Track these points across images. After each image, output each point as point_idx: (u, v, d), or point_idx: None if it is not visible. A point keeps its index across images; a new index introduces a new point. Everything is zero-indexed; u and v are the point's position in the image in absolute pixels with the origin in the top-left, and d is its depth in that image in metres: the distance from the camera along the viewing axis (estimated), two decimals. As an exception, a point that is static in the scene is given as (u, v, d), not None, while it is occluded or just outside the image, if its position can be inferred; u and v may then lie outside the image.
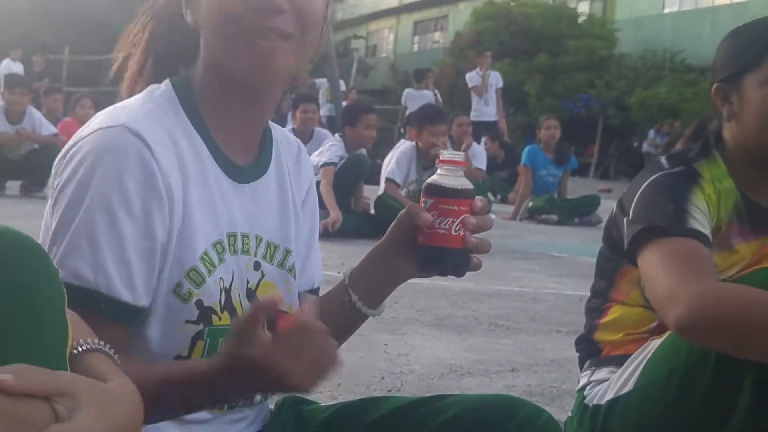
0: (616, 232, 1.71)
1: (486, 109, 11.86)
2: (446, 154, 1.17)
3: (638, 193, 1.63)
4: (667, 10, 22.23)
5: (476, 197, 1.17)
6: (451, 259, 1.15)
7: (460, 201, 1.14)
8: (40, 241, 0.91)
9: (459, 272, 1.17)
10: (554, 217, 8.09)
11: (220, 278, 1.12)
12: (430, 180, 1.17)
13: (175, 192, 1.06)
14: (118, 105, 1.12)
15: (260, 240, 1.19)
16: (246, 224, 1.17)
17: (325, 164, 5.79)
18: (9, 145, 7.74)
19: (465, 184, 1.16)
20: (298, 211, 1.27)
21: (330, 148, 5.99)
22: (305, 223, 1.30)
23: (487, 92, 11.84)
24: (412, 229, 1.19)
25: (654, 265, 1.52)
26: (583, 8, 24.34)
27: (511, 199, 9.44)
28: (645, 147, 18.35)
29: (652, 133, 18.00)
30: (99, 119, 1.08)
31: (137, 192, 1.02)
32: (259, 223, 1.19)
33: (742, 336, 1.38)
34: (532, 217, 8.15)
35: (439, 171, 1.17)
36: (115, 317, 1.02)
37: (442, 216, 1.14)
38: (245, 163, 1.18)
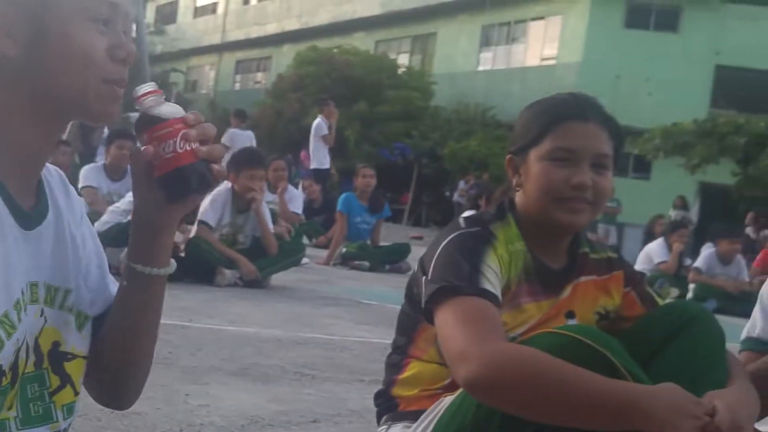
0: (416, 289, 1.76)
1: (327, 159, 12.00)
2: (138, 90, 1.16)
3: (437, 253, 1.69)
4: (480, 68, 23.43)
5: (187, 113, 1.16)
6: (190, 175, 1.13)
7: (170, 122, 1.13)
8: None
9: (205, 184, 1.15)
10: (366, 263, 8.23)
11: (17, 338, 1.08)
12: (135, 119, 1.17)
13: None
14: None
15: (43, 285, 1.16)
16: (34, 272, 1.13)
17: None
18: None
19: (168, 107, 1.15)
20: (77, 243, 1.24)
21: None
22: (87, 247, 1.27)
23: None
24: (148, 176, 1.16)
25: (448, 323, 1.58)
26: (403, 60, 25.21)
27: (321, 243, 9.54)
28: (455, 197, 19.09)
29: (461, 183, 18.77)
30: None
31: None
32: (44, 269, 1.16)
33: (527, 397, 1.45)
34: (345, 262, 8.25)
35: (138, 107, 1.15)
36: None
37: (161, 142, 1.12)
38: (29, 206, 1.14)
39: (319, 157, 12.01)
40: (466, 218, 1.80)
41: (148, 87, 1.16)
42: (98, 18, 1.11)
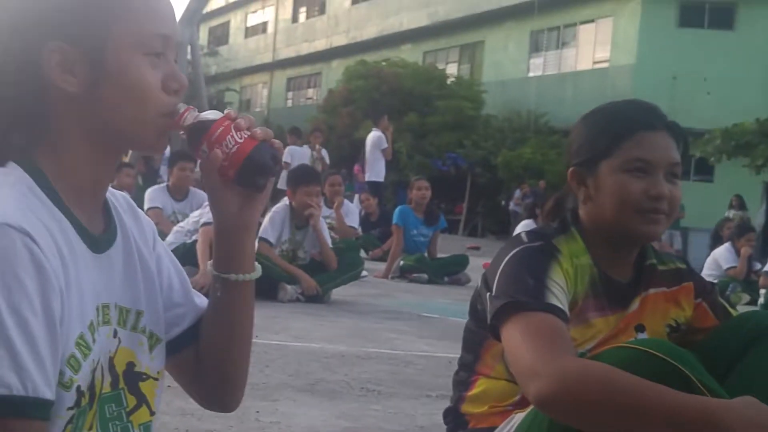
0: (480, 306, 1.76)
1: (382, 171, 12.16)
2: (180, 106, 1.19)
3: (500, 268, 1.69)
4: (531, 74, 23.25)
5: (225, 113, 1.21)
6: (261, 156, 1.18)
7: (219, 121, 1.18)
8: None
9: (276, 160, 1.20)
10: (425, 276, 8.23)
11: (92, 359, 1.11)
12: (185, 135, 1.20)
13: (60, 279, 1.05)
14: None
15: (115, 307, 1.19)
16: (105, 294, 1.17)
17: (204, 224, 5.75)
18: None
19: (208, 113, 1.20)
20: (147, 266, 1.27)
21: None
22: (163, 266, 1.31)
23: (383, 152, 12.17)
24: (223, 182, 1.21)
25: (515, 340, 1.57)
26: (452, 70, 25.17)
27: (377, 255, 9.58)
28: (511, 206, 19.01)
29: (517, 192, 18.66)
30: None
31: (35, 289, 1.01)
32: (115, 290, 1.20)
33: (600, 413, 1.43)
34: (403, 275, 8.26)
35: (183, 126, 1.19)
36: (39, 416, 1.01)
37: (221, 141, 1.17)
38: (98, 231, 1.19)
39: (375, 169, 12.12)
40: (528, 233, 1.79)
41: (181, 107, 1.19)
42: (152, 52, 1.14)
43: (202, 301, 1.35)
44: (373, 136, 12.45)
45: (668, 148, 1.71)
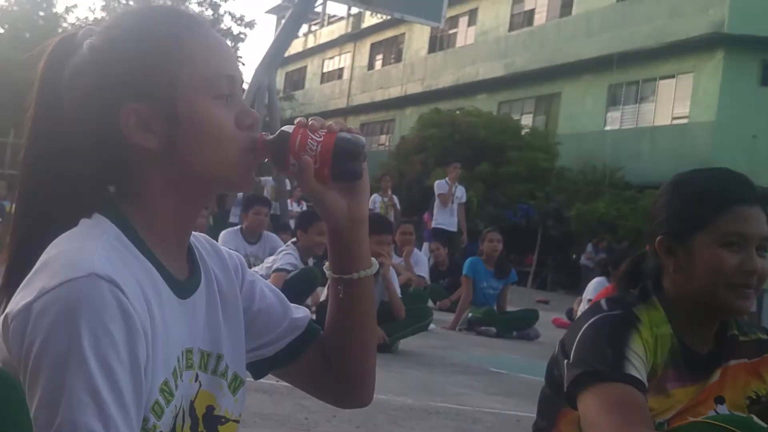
0: (557, 372, 1.75)
1: (450, 219, 12.10)
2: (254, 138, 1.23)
3: (578, 336, 1.67)
4: (608, 128, 23.02)
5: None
6: (346, 145, 1.20)
7: (295, 129, 1.21)
8: None
9: (360, 144, 1.21)
10: (493, 329, 8.14)
11: (175, 405, 1.13)
12: (270, 160, 1.23)
13: (147, 328, 1.07)
14: (70, 247, 1.09)
15: (198, 351, 1.21)
16: (189, 339, 1.19)
17: (277, 270, 5.84)
18: None
19: (284, 129, 1.23)
20: (229, 307, 1.29)
21: (284, 256, 6.10)
22: (256, 290, 1.35)
23: (452, 203, 12.12)
24: (321, 186, 1.22)
25: (593, 410, 1.56)
26: (527, 121, 25.10)
27: (444, 306, 9.53)
28: (583, 260, 18.73)
29: (589, 247, 18.38)
30: (57, 266, 1.05)
31: (122, 338, 1.02)
32: (197, 335, 1.21)
33: None
34: (471, 328, 8.19)
35: (264, 145, 1.22)
36: None
37: (305, 146, 1.19)
38: (183, 277, 1.21)
39: (444, 218, 12.10)
40: (608, 300, 1.78)
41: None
42: (220, 94, 1.17)
43: (302, 312, 1.38)
44: (438, 183, 12.47)
45: (761, 222, 1.70)
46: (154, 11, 1.22)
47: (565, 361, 1.67)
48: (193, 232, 1.29)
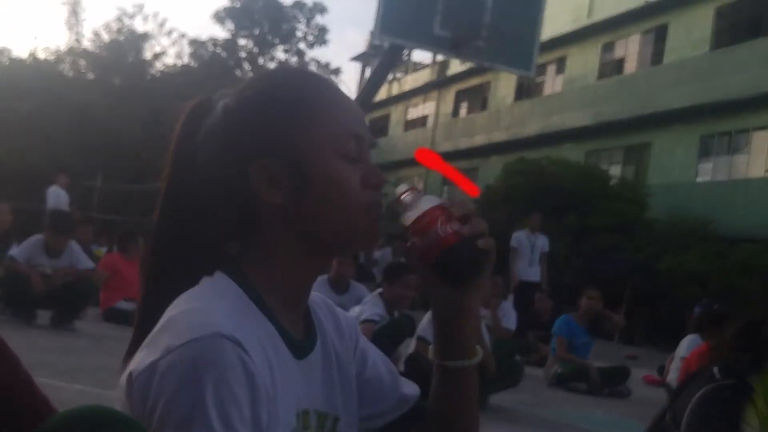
0: (665, 439, 1.67)
1: (530, 270, 11.84)
2: (396, 191, 1.21)
3: (691, 406, 1.63)
4: (699, 179, 22.49)
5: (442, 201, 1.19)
6: (454, 257, 1.16)
7: (428, 211, 1.17)
8: None
9: (475, 264, 1.17)
10: (584, 385, 7.93)
11: None
12: (401, 219, 1.20)
13: (269, 388, 1.07)
14: (194, 307, 1.09)
15: (314, 412, 1.20)
16: (306, 400, 1.18)
17: (365, 321, 5.80)
18: (36, 289, 7.45)
19: (426, 200, 1.19)
20: (346, 374, 1.29)
21: (371, 307, 6.06)
22: (369, 359, 1.35)
23: (532, 253, 11.87)
24: (426, 269, 1.21)
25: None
26: (615, 171, 24.72)
27: (531, 360, 9.36)
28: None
29: (697, 308, 17.76)
30: (182, 325, 1.05)
31: (246, 398, 1.02)
32: (314, 396, 1.21)
33: None
34: (560, 383, 7.98)
35: (399, 208, 1.21)
36: None
37: (425, 232, 1.16)
38: (300, 337, 1.21)
39: (521, 269, 11.85)
40: (721, 368, 1.71)
41: (403, 187, 1.21)
42: (349, 155, 1.18)
43: (411, 388, 1.37)
44: (514, 236, 12.27)
45: None
46: (285, 72, 1.28)
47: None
48: (312, 295, 1.29)
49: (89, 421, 0.98)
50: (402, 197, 1.20)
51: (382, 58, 14.78)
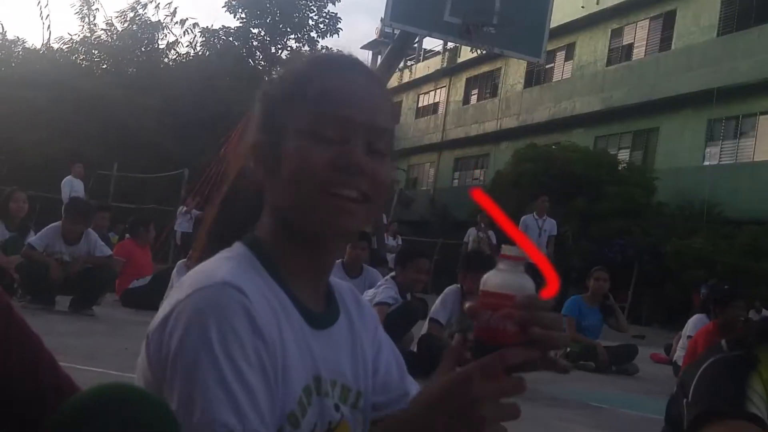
0: (676, 411, 1.81)
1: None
2: (504, 249, 1.08)
3: (698, 375, 1.73)
4: (706, 163, 22.54)
5: (526, 294, 1.04)
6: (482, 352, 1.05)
7: (497, 294, 1.05)
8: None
9: (521, 370, 1.05)
10: (592, 363, 8.14)
11: (309, 421, 1.18)
12: (486, 275, 1.09)
13: (275, 339, 1.12)
14: (203, 268, 1.17)
15: (335, 383, 1.24)
16: (324, 368, 1.22)
17: (378, 303, 6.00)
18: (54, 276, 7.53)
19: (511, 279, 1.06)
20: (366, 356, 1.32)
21: (385, 290, 6.27)
22: (384, 353, 1.37)
23: (540, 237, 12.05)
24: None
25: (714, 448, 1.59)
26: (624, 156, 24.75)
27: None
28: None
29: (703, 288, 17.83)
30: (189, 281, 1.13)
31: (249, 341, 1.08)
32: (335, 367, 1.24)
33: None
34: (569, 362, 8.18)
35: (498, 266, 1.08)
36: None
37: (483, 309, 1.06)
38: (318, 310, 1.26)
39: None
40: (728, 341, 1.84)
41: (514, 251, 1.07)
42: (323, 135, 1.17)
43: (414, 387, 1.37)
44: (523, 219, 12.44)
45: None
46: (316, 54, 1.32)
47: (684, 400, 1.73)
48: (340, 282, 1.35)
49: (113, 397, 1.04)
50: (501, 259, 1.07)
51: (392, 45, 14.86)
